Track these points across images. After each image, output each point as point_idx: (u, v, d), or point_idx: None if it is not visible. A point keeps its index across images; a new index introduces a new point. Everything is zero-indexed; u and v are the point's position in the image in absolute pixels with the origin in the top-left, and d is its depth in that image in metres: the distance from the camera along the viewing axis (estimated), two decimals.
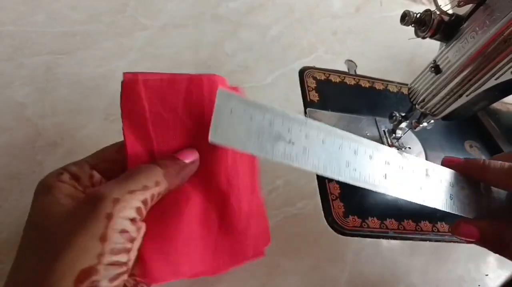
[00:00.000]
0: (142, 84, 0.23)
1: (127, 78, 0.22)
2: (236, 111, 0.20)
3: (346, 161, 0.22)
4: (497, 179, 0.27)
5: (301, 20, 0.58)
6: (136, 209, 0.19)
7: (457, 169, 0.28)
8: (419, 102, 0.37)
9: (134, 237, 0.19)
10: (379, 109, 0.49)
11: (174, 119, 0.23)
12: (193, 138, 0.24)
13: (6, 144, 0.33)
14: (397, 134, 0.45)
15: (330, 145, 0.22)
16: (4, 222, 0.29)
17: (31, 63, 0.39)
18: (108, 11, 0.47)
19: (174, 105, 0.23)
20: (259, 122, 0.21)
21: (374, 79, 0.53)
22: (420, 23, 0.32)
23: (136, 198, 0.19)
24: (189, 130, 0.23)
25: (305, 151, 0.21)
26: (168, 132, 0.23)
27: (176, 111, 0.23)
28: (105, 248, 0.18)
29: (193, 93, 0.24)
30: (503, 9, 0.28)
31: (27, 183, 0.31)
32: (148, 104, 0.23)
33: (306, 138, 0.21)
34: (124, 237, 0.18)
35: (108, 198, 0.18)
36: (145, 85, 0.23)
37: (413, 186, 0.23)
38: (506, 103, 0.56)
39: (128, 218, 0.19)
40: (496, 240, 0.26)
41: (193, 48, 0.47)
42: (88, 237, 0.17)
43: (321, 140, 0.22)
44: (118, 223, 0.18)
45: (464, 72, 0.32)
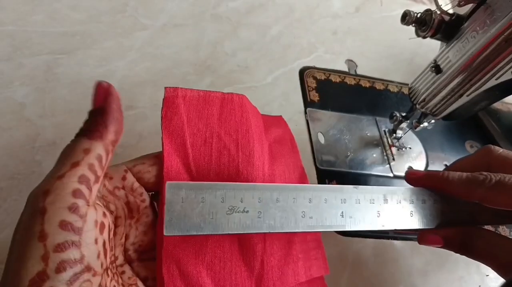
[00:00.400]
0: (181, 98, 0.25)
1: (168, 92, 0.25)
2: (187, 198, 0.21)
3: (302, 211, 0.23)
4: (456, 190, 0.26)
5: (301, 20, 0.58)
6: (73, 192, 0.17)
7: (419, 183, 0.28)
8: (419, 102, 0.37)
9: (79, 227, 0.16)
10: (379, 109, 0.49)
11: (211, 132, 0.25)
12: (228, 151, 0.25)
13: (6, 144, 0.33)
14: (398, 134, 0.45)
15: (284, 201, 0.23)
16: (3, 222, 0.29)
17: (31, 63, 0.39)
18: (108, 11, 0.47)
19: (209, 120, 0.25)
20: (212, 201, 0.21)
21: (375, 79, 0.53)
22: (420, 23, 0.32)
23: (68, 181, 0.17)
24: (225, 143, 0.25)
25: (260, 214, 0.22)
26: (205, 145, 0.24)
27: (212, 125, 0.25)
28: (47, 247, 0.15)
29: (225, 109, 0.26)
30: (504, 9, 0.28)
31: (26, 183, 0.31)
32: (186, 117, 0.24)
33: (260, 202, 0.22)
34: (66, 229, 0.16)
35: (37, 192, 0.17)
36: (184, 99, 0.25)
37: (371, 215, 0.24)
38: (507, 103, 0.56)
39: (65, 207, 0.16)
40: (459, 244, 0.27)
41: (193, 48, 0.47)
42: (27, 239, 0.16)
43: (275, 199, 0.23)
44: (54, 215, 0.16)
45: (464, 72, 0.31)
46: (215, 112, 0.25)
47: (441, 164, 0.46)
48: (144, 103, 0.40)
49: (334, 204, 0.24)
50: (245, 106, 0.27)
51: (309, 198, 0.23)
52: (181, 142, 0.24)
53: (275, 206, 0.22)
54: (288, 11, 0.58)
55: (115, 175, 0.21)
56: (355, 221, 0.24)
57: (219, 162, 0.24)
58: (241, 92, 0.45)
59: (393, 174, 0.42)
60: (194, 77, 0.44)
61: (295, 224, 0.22)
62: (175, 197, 0.21)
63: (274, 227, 0.22)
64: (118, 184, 0.21)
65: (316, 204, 0.23)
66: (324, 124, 0.45)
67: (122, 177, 0.22)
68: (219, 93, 0.26)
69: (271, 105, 0.44)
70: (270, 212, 0.22)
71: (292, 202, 0.23)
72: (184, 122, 0.24)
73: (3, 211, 0.30)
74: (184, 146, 0.24)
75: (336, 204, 0.24)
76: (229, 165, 0.24)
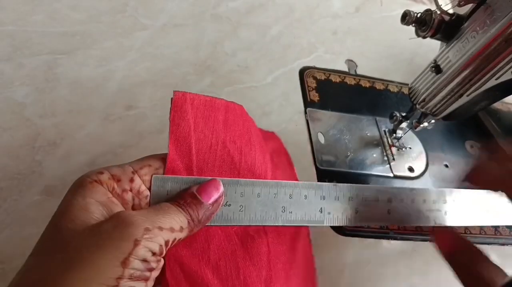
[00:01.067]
0: (189, 103, 0.25)
1: (176, 96, 0.24)
2: (172, 192, 0.22)
3: (282, 207, 0.24)
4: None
5: (301, 20, 0.58)
6: (159, 246, 0.19)
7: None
8: (419, 102, 0.37)
9: (153, 268, 0.19)
10: (379, 109, 0.49)
11: (217, 138, 0.25)
12: (231, 158, 0.25)
13: (6, 144, 0.33)
14: (398, 134, 0.45)
15: (265, 196, 0.24)
16: (4, 222, 0.29)
17: (31, 63, 0.39)
18: (108, 11, 0.47)
19: (216, 126, 0.25)
20: None
21: (375, 79, 0.53)
22: (420, 23, 0.32)
23: (162, 236, 0.19)
24: (229, 151, 0.25)
25: (242, 208, 0.23)
26: (209, 151, 0.25)
27: (218, 131, 0.25)
28: (125, 272, 0.17)
29: (230, 116, 0.26)
30: (504, 8, 0.28)
31: (27, 183, 0.31)
32: (193, 123, 0.25)
33: (242, 196, 0.23)
34: (145, 266, 0.18)
35: (140, 225, 0.18)
36: (192, 104, 0.25)
37: (349, 212, 0.26)
38: (507, 103, 0.56)
39: (151, 250, 0.18)
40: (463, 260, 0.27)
41: (193, 48, 0.47)
42: (110, 259, 0.17)
43: (256, 194, 0.24)
44: (142, 251, 0.18)
45: (464, 72, 0.31)
46: (221, 118, 0.26)
47: (441, 164, 0.46)
48: (144, 103, 0.40)
49: (314, 200, 0.25)
50: (245, 115, 0.27)
51: (290, 194, 0.24)
52: (187, 148, 0.24)
53: (256, 200, 0.23)
54: (288, 11, 0.58)
55: (123, 177, 0.21)
56: (333, 217, 0.25)
57: (221, 169, 0.25)
58: (241, 92, 0.45)
59: (393, 174, 0.42)
60: (194, 77, 0.44)
61: (275, 218, 0.24)
62: (161, 189, 0.22)
63: (255, 221, 0.23)
64: (126, 186, 0.21)
65: (296, 199, 0.24)
66: (324, 124, 0.45)
67: (130, 179, 0.22)
68: (223, 100, 0.27)
69: (271, 105, 0.44)
70: (251, 206, 0.23)
71: (273, 197, 0.24)
72: (191, 128, 0.24)
73: (3, 211, 0.30)
74: (189, 152, 0.24)
75: (315, 201, 0.25)
76: (231, 172, 0.25)
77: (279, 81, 0.48)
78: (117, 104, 0.39)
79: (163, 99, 0.41)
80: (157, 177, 0.22)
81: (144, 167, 0.22)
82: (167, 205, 0.21)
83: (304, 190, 0.25)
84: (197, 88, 0.43)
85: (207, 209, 0.22)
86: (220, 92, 0.44)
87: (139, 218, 0.19)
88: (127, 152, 0.35)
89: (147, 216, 0.19)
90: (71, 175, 0.33)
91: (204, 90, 0.43)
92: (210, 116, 0.25)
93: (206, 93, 0.42)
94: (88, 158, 0.34)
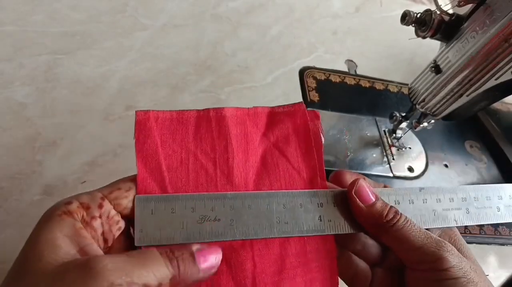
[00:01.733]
0: (153, 121, 0.24)
1: (139, 115, 0.24)
2: (157, 210, 0.21)
3: (277, 217, 0.23)
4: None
5: (301, 20, 0.58)
6: None
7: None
8: (419, 102, 0.37)
9: None
10: (379, 109, 0.49)
11: (187, 153, 0.24)
12: (205, 170, 0.24)
13: (6, 144, 0.33)
14: (397, 134, 0.45)
15: (256, 207, 0.23)
16: (5, 222, 0.29)
17: (31, 63, 0.39)
18: (108, 11, 0.47)
19: (184, 140, 0.25)
20: (182, 212, 0.21)
21: (374, 79, 0.53)
22: (420, 23, 0.32)
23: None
24: (201, 163, 0.24)
25: (232, 222, 0.22)
26: (181, 166, 0.24)
27: (187, 145, 0.24)
28: None
29: (201, 127, 0.25)
30: (503, 9, 0.28)
31: (27, 182, 0.31)
32: (160, 139, 0.24)
33: (232, 210, 0.22)
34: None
35: (108, 278, 0.17)
36: (156, 121, 0.24)
37: (348, 218, 0.24)
38: (507, 103, 0.56)
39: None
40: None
41: (193, 48, 0.47)
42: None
43: (247, 206, 0.23)
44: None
45: (464, 72, 0.32)
46: (190, 131, 0.25)
47: (441, 164, 0.46)
48: (144, 103, 0.40)
49: (311, 208, 0.24)
50: (223, 119, 0.26)
51: (283, 204, 0.23)
52: (156, 165, 0.23)
53: (248, 213, 0.22)
54: (288, 11, 0.58)
55: (92, 203, 0.20)
56: (334, 225, 0.24)
57: (196, 183, 0.24)
58: (241, 92, 0.45)
59: (393, 174, 0.42)
60: (194, 77, 0.44)
61: (270, 230, 0.22)
62: (145, 209, 0.21)
63: (247, 234, 0.22)
64: (95, 213, 0.20)
65: (291, 209, 0.23)
66: (324, 124, 0.44)
67: (99, 205, 0.21)
68: (193, 111, 0.26)
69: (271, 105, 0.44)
70: (242, 219, 0.22)
71: (266, 208, 0.23)
72: (158, 145, 0.24)
73: (3, 210, 0.30)
74: (159, 168, 0.23)
75: (312, 208, 0.24)
76: (208, 185, 0.24)
77: (279, 81, 0.48)
78: (117, 104, 0.39)
79: (163, 99, 0.41)
80: (140, 197, 0.21)
81: (114, 191, 0.21)
82: (153, 253, 0.19)
83: (298, 198, 0.24)
84: (197, 88, 0.43)
85: (197, 273, 0.20)
86: (220, 92, 0.44)
87: (109, 268, 0.17)
88: (127, 151, 0.35)
89: (122, 265, 0.18)
90: (71, 174, 0.33)
91: (204, 90, 0.43)
92: (177, 130, 0.25)
93: (206, 93, 0.43)
94: (88, 158, 0.34)
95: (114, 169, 0.34)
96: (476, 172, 0.47)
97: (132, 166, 0.34)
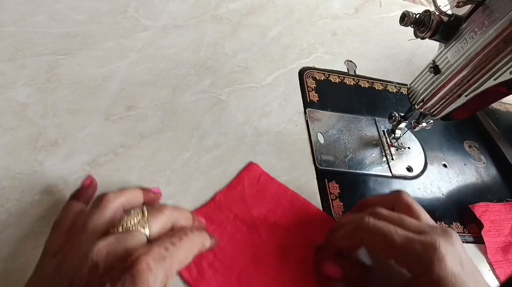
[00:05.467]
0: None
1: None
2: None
3: None
4: (345, 243, 0.30)
5: (300, 21, 0.58)
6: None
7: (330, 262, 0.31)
8: (418, 102, 0.37)
9: None
10: (378, 109, 0.49)
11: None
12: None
13: (8, 144, 0.33)
14: (397, 135, 0.45)
15: None
16: (6, 222, 0.29)
17: (32, 64, 0.39)
18: (109, 12, 0.47)
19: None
20: None
21: (374, 80, 0.54)
22: (419, 24, 0.33)
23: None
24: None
25: None
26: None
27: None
28: None
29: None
30: (502, 10, 0.28)
31: (29, 182, 0.31)
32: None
33: None
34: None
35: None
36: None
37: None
38: (505, 103, 0.56)
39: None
40: (355, 279, 0.29)
41: (193, 48, 0.47)
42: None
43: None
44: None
45: (463, 72, 0.32)
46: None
47: (440, 163, 0.46)
48: (145, 104, 0.40)
49: None
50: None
51: None
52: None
53: None
54: (288, 12, 0.59)
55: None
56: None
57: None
58: (241, 92, 0.45)
59: (392, 174, 0.43)
60: (195, 78, 0.44)
61: None
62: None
63: None
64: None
65: None
66: (324, 124, 0.45)
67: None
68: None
69: (271, 106, 0.45)
70: None
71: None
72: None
73: (5, 210, 0.30)
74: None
75: None
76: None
77: (279, 81, 0.48)
78: (118, 105, 0.39)
79: (163, 100, 0.41)
80: None
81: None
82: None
83: None
84: (198, 89, 0.43)
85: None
86: (221, 92, 0.44)
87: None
88: (128, 152, 0.35)
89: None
90: (72, 174, 0.33)
91: (205, 91, 0.43)
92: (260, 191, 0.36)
93: (207, 93, 0.43)
94: (89, 158, 0.34)
95: (115, 169, 0.34)
96: (475, 172, 0.47)
97: (132, 166, 0.35)
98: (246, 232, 0.33)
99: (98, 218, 0.24)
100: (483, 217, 0.41)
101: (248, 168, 0.38)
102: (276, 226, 0.34)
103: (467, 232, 0.41)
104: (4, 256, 0.28)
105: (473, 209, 0.41)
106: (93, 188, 0.31)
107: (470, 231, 0.41)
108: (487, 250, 0.39)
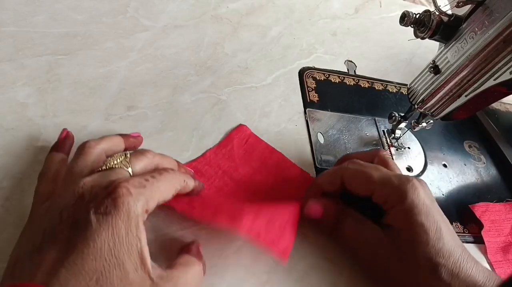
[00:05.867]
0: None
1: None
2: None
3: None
4: (328, 186, 0.33)
5: (300, 21, 0.58)
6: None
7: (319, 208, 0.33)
8: (418, 102, 0.37)
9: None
10: (378, 109, 0.49)
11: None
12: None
13: (8, 144, 0.33)
14: (397, 135, 0.45)
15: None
16: (6, 221, 0.29)
17: (32, 64, 0.39)
18: (109, 12, 0.47)
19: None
20: None
21: (374, 80, 0.54)
22: (419, 24, 0.33)
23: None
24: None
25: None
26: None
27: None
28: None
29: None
30: (502, 9, 0.28)
31: (29, 182, 0.31)
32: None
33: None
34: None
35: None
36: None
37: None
38: (505, 103, 0.56)
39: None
40: (334, 218, 0.32)
41: (193, 48, 0.47)
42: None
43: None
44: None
45: (463, 72, 0.32)
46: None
47: (440, 163, 0.46)
48: (145, 104, 0.40)
49: None
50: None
51: None
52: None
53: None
54: (288, 12, 0.59)
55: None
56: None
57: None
58: (241, 92, 0.45)
59: None
60: (195, 78, 0.44)
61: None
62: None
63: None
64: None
65: None
66: (324, 124, 0.45)
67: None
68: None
69: (271, 106, 0.45)
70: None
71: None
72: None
73: (4, 210, 0.30)
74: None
75: None
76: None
77: (279, 81, 0.48)
78: (118, 105, 0.39)
79: (163, 100, 0.41)
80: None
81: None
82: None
83: None
84: (198, 89, 0.43)
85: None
86: (221, 92, 0.44)
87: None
88: None
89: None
90: None
91: (205, 91, 0.43)
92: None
93: (207, 93, 0.43)
94: None
95: None
96: (475, 172, 0.47)
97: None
98: (233, 186, 0.34)
99: (82, 163, 0.26)
100: (483, 217, 0.41)
101: (238, 129, 0.40)
102: (262, 184, 0.36)
103: (467, 232, 0.41)
104: (4, 256, 0.28)
105: (473, 209, 0.41)
106: (70, 139, 0.32)
107: (470, 231, 0.41)
108: (487, 250, 0.39)
